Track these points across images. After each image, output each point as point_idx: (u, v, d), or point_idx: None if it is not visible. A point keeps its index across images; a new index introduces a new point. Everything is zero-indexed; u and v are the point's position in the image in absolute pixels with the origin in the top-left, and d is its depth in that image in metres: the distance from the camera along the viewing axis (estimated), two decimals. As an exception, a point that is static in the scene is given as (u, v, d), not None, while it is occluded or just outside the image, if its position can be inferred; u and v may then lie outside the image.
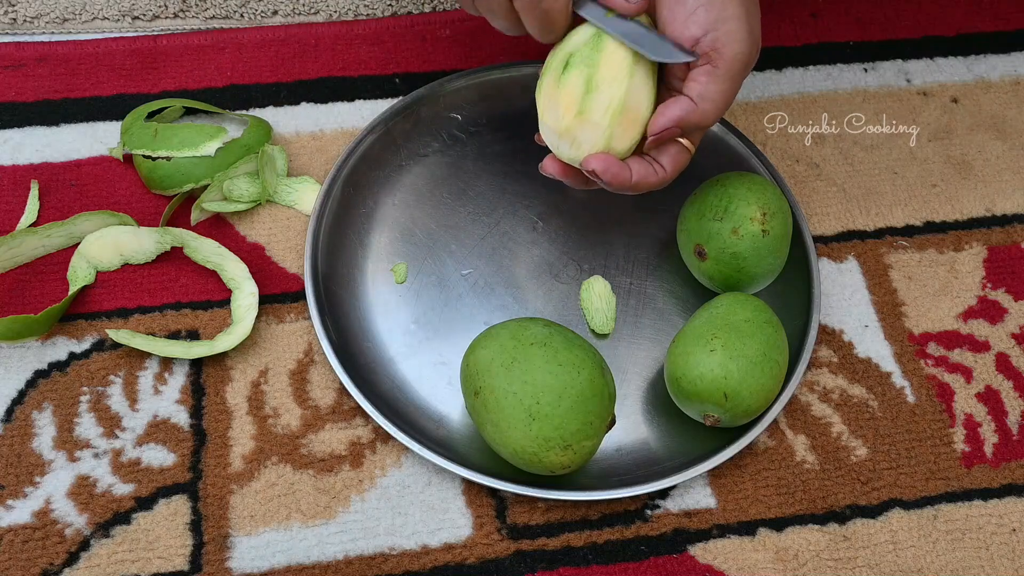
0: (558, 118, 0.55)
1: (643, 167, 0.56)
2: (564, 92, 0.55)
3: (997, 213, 0.72)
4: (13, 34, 0.76)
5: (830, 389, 0.64)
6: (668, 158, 0.56)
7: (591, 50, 0.54)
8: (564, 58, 0.55)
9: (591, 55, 0.54)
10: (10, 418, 0.61)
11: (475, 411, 0.57)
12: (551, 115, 0.56)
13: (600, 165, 0.55)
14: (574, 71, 0.55)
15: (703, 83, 0.54)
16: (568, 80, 0.55)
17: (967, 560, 0.59)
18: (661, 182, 0.57)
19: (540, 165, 0.59)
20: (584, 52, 0.55)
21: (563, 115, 0.55)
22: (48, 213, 0.68)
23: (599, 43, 0.54)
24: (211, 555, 0.57)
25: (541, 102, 0.56)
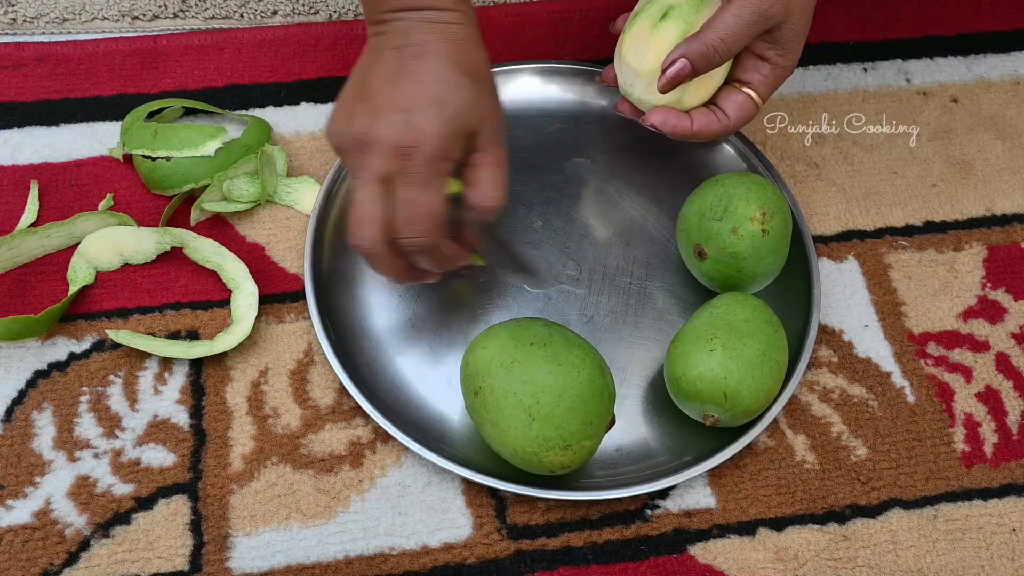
0: (644, 61, 0.59)
1: (705, 116, 0.60)
2: (657, 38, 0.59)
3: (997, 213, 0.72)
4: (13, 34, 0.76)
5: (830, 389, 0.64)
6: (731, 106, 0.60)
7: (691, 8, 0.59)
8: (664, 7, 0.59)
9: (691, 13, 0.58)
10: (10, 418, 0.61)
11: (475, 411, 0.57)
12: (636, 56, 0.59)
13: (659, 119, 0.60)
14: (672, 22, 0.59)
15: (714, 15, 0.57)
16: (664, 28, 0.59)
17: (967, 560, 0.59)
18: (724, 130, 0.60)
19: (616, 106, 0.64)
20: (684, 8, 0.59)
21: (650, 60, 0.59)
22: (48, 213, 0.68)
23: (699, 4, 0.59)
24: (211, 555, 0.57)
25: (628, 41, 0.60)
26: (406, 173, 0.54)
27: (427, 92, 0.54)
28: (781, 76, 0.60)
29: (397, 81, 0.54)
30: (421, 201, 0.54)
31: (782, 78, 0.60)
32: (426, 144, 0.53)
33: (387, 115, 0.53)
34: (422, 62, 0.54)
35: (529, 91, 0.74)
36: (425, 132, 0.53)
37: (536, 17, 0.79)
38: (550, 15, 0.79)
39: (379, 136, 0.53)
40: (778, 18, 0.56)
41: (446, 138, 0.54)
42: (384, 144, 0.53)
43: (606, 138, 0.72)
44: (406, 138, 0.53)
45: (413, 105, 0.53)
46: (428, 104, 0.53)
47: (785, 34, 0.57)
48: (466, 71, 0.55)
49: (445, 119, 0.54)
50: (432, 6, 0.54)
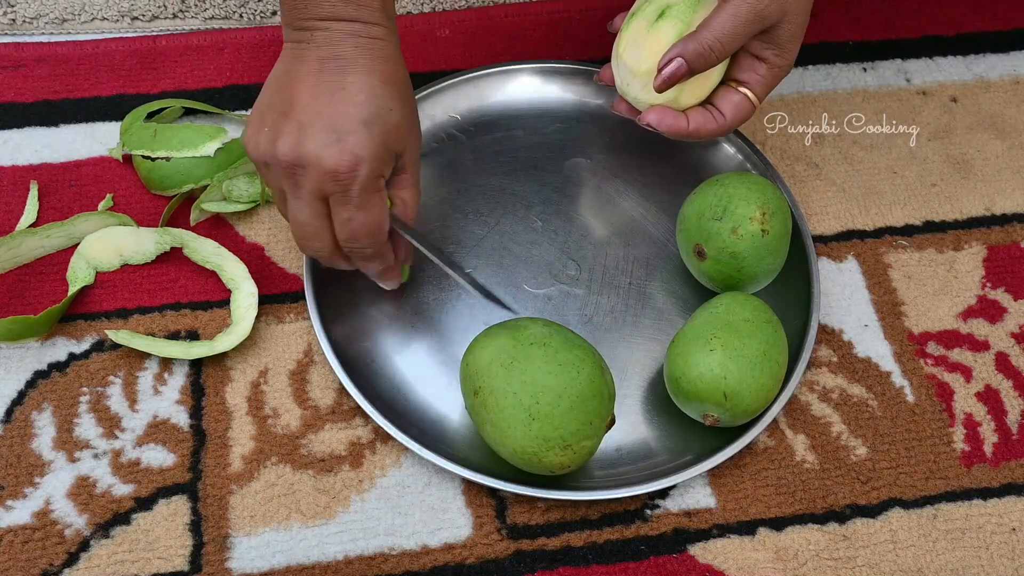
0: (640, 60, 0.59)
1: (701, 116, 0.60)
2: (654, 38, 0.58)
3: (996, 212, 0.72)
4: (12, 35, 0.76)
5: (830, 389, 0.64)
6: (728, 106, 0.60)
7: (688, 8, 0.58)
8: (661, 7, 0.59)
9: (687, 13, 0.58)
10: (10, 419, 0.61)
11: (475, 411, 0.57)
12: (633, 55, 0.59)
13: (655, 118, 0.60)
14: (668, 22, 0.58)
15: (711, 15, 0.57)
16: (660, 28, 0.58)
17: (967, 559, 0.59)
18: (721, 129, 0.60)
19: (612, 106, 0.64)
20: (681, 8, 0.59)
21: (646, 59, 0.59)
22: (48, 213, 0.68)
23: (696, 4, 0.58)
24: (211, 555, 0.57)
25: (625, 41, 0.60)
26: (345, 196, 0.54)
27: (358, 112, 0.53)
28: (778, 76, 0.60)
29: (324, 96, 0.53)
30: (360, 220, 0.55)
31: (779, 78, 0.60)
32: (362, 169, 0.53)
33: (317, 135, 0.53)
34: (350, 77, 0.53)
35: (529, 91, 0.74)
36: (360, 156, 0.53)
37: (536, 17, 0.79)
38: (550, 15, 0.79)
39: (312, 159, 0.53)
40: (775, 18, 0.56)
41: (379, 160, 0.54)
42: (318, 168, 0.53)
43: (606, 138, 0.72)
44: (342, 163, 0.53)
45: (344, 125, 0.53)
46: (360, 125, 0.53)
47: (782, 34, 0.57)
48: (394, 89, 0.54)
49: (376, 140, 0.53)
50: (359, 19, 0.53)
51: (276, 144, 0.53)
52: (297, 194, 0.55)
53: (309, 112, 0.53)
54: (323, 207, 0.55)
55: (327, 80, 0.53)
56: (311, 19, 0.53)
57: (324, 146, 0.52)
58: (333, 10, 0.53)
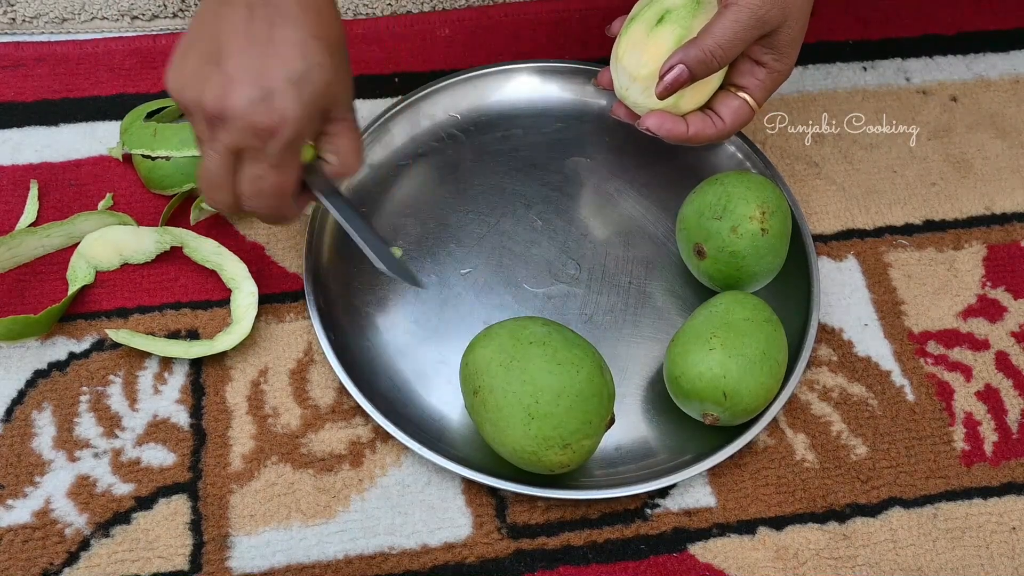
0: (640, 64, 0.59)
1: (701, 121, 0.60)
2: (654, 42, 0.58)
3: (996, 212, 0.72)
4: (12, 34, 0.76)
5: (830, 388, 0.64)
6: (727, 111, 0.60)
7: (688, 13, 0.58)
8: (660, 12, 0.59)
9: (687, 18, 0.58)
10: (10, 418, 0.61)
11: (474, 410, 0.57)
12: (633, 60, 0.59)
13: (654, 123, 0.60)
14: (668, 26, 0.58)
15: (711, 21, 0.57)
16: (660, 32, 0.58)
17: (967, 559, 0.59)
18: (720, 135, 0.60)
19: (611, 110, 0.64)
20: (681, 12, 0.59)
21: (646, 63, 0.59)
22: (47, 213, 0.68)
23: (696, 9, 0.59)
24: (211, 555, 0.57)
25: (624, 45, 0.60)
26: (261, 154, 0.53)
27: (287, 68, 0.52)
28: (777, 81, 0.60)
29: (252, 48, 0.52)
30: (271, 180, 0.54)
31: (778, 83, 0.60)
32: (285, 129, 0.52)
33: (243, 87, 0.51)
34: (279, 29, 0.52)
35: (529, 90, 0.74)
36: (285, 115, 0.52)
37: (536, 17, 0.79)
38: (550, 15, 0.79)
39: (235, 111, 0.52)
40: (775, 23, 0.56)
41: (304, 120, 0.53)
42: (240, 122, 0.52)
43: (605, 137, 0.72)
44: (265, 121, 0.52)
45: (271, 82, 0.52)
46: (288, 84, 0.52)
47: (782, 39, 0.57)
48: (325, 44, 0.53)
49: (305, 100, 0.52)
50: None
51: (202, 92, 0.52)
52: (213, 145, 0.54)
53: (236, 63, 0.52)
54: (233, 161, 0.54)
55: (256, 30, 0.52)
56: None
57: (251, 102, 0.51)
58: None
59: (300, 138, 0.54)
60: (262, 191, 0.55)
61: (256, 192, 0.55)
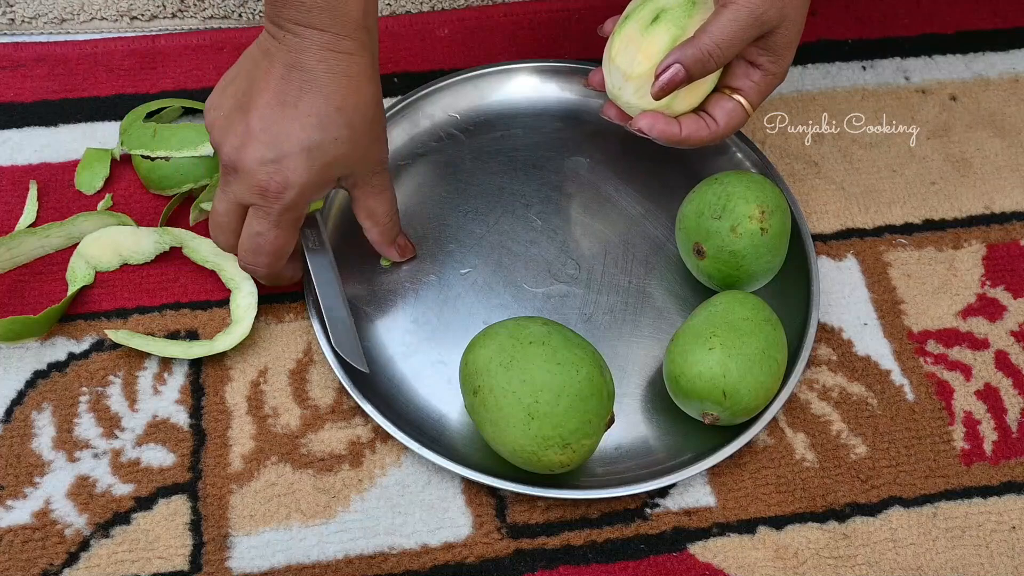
0: (634, 64, 0.58)
1: (694, 123, 0.59)
2: (648, 41, 0.58)
3: (996, 211, 0.72)
4: (11, 34, 0.76)
5: (829, 387, 0.64)
6: (721, 113, 0.60)
7: (683, 13, 0.58)
8: (655, 11, 0.59)
9: (682, 18, 0.58)
10: (9, 418, 0.61)
11: (474, 410, 0.57)
12: (626, 59, 0.59)
13: (647, 124, 0.59)
14: (663, 25, 0.58)
15: (709, 20, 0.56)
16: (655, 32, 0.58)
17: (967, 558, 0.59)
18: (713, 137, 0.60)
19: (602, 110, 0.63)
20: (676, 12, 0.58)
21: (640, 62, 0.58)
22: (47, 213, 0.68)
23: (691, 9, 0.58)
24: (211, 555, 0.57)
25: (618, 44, 0.59)
26: (263, 211, 0.56)
27: (303, 136, 0.54)
28: (772, 83, 0.60)
29: (279, 109, 0.54)
30: (268, 238, 0.57)
31: (773, 85, 0.60)
32: (288, 193, 0.55)
33: (258, 146, 0.54)
34: (306, 96, 0.54)
35: (528, 90, 0.74)
36: (290, 180, 0.55)
37: (536, 17, 0.79)
38: (550, 15, 0.79)
39: (246, 167, 0.55)
40: (772, 23, 0.56)
41: (310, 188, 0.56)
42: (249, 178, 0.55)
43: (605, 137, 0.72)
44: (271, 182, 0.55)
45: (286, 146, 0.54)
46: (301, 150, 0.54)
47: (778, 40, 0.57)
48: (349, 116, 0.55)
49: (315, 170, 0.55)
50: (331, 29, 0.53)
51: (225, 138, 0.55)
52: (225, 190, 0.57)
53: (259, 119, 0.54)
54: (240, 211, 0.57)
55: (287, 92, 0.54)
56: (286, 21, 0.54)
57: (261, 161, 0.54)
58: (308, 16, 0.53)
59: (302, 203, 0.57)
60: (260, 248, 0.58)
61: (254, 248, 0.58)
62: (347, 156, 0.56)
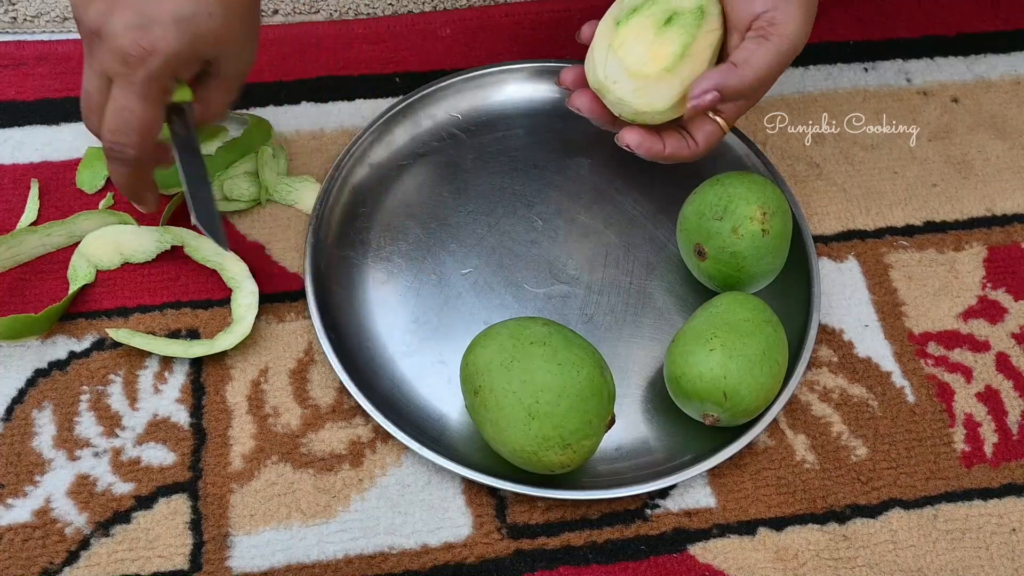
0: (642, 61, 0.57)
1: (677, 141, 0.59)
2: (660, 44, 0.57)
3: (997, 213, 0.72)
4: (13, 33, 0.76)
5: (830, 389, 0.64)
6: (702, 134, 0.59)
7: (694, 21, 0.57)
8: (668, 12, 0.57)
9: (693, 26, 0.57)
10: (10, 417, 0.61)
11: (475, 410, 0.57)
12: (634, 55, 0.57)
13: (634, 140, 0.59)
14: (675, 30, 0.57)
15: (750, 50, 0.56)
16: (667, 35, 0.57)
17: (967, 560, 0.59)
18: (693, 155, 0.59)
19: (569, 100, 0.61)
20: (688, 19, 0.57)
21: (649, 61, 0.56)
22: (48, 212, 0.68)
23: (701, 18, 0.57)
24: (211, 554, 0.57)
25: (625, 36, 0.57)
26: (128, 82, 0.53)
27: (175, 6, 0.52)
28: (749, 107, 0.59)
29: None
30: (135, 112, 0.54)
31: (747, 109, 0.59)
32: (153, 60, 0.52)
33: (125, 12, 0.52)
34: None
35: (530, 90, 0.74)
36: (156, 46, 0.52)
37: (536, 17, 0.79)
38: (550, 15, 0.79)
39: (110, 31, 0.52)
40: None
41: (177, 59, 0.53)
42: (112, 42, 0.52)
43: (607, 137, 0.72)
44: (136, 48, 0.52)
45: (155, 15, 0.52)
46: (171, 19, 0.52)
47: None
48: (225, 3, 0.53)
49: (184, 41, 0.53)
50: None
51: (89, 5, 0.53)
52: (89, 62, 0.55)
53: None
54: (107, 87, 0.54)
55: None
56: None
57: (126, 27, 0.52)
58: None
59: (168, 72, 0.53)
60: (126, 124, 0.54)
61: (120, 125, 0.54)
62: (218, 36, 0.54)
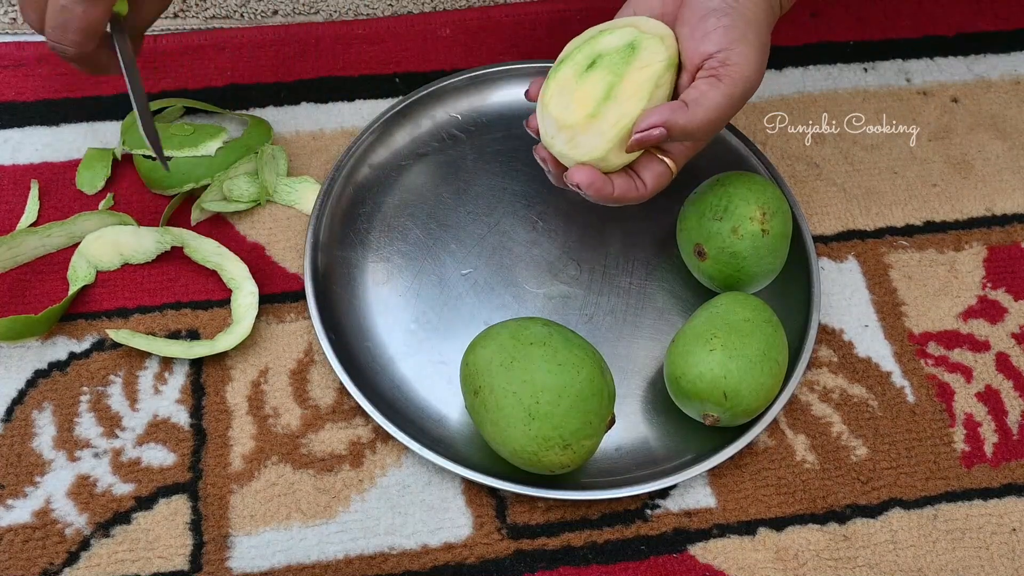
0: (567, 112, 0.55)
1: (625, 183, 0.56)
2: (582, 89, 0.54)
3: (997, 213, 0.72)
4: (13, 34, 0.76)
5: (830, 389, 0.64)
6: (650, 175, 0.56)
7: (622, 60, 0.54)
8: (592, 56, 0.55)
9: (620, 64, 0.54)
10: (10, 418, 0.61)
11: (475, 410, 0.57)
12: (559, 106, 0.55)
13: (584, 179, 0.55)
14: (598, 73, 0.54)
15: (701, 91, 0.54)
16: (590, 79, 0.54)
17: (967, 560, 0.59)
18: (640, 197, 0.57)
19: (535, 148, 0.59)
20: (614, 58, 0.54)
21: (574, 111, 0.54)
22: (48, 213, 0.68)
23: (631, 56, 0.54)
24: (211, 555, 0.57)
25: (552, 89, 0.55)
26: None
27: None
28: (696, 150, 0.58)
29: None
30: (77, 12, 0.53)
31: (695, 152, 0.58)
32: None
33: None
34: None
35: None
36: None
37: (536, 17, 0.79)
38: (550, 15, 0.79)
39: None
40: None
41: None
42: None
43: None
44: None
45: None
46: None
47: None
48: None
49: None
50: None
51: None
52: None
53: None
54: None
55: None
56: None
57: None
58: None
59: None
60: (67, 24, 0.53)
61: (61, 24, 0.53)
62: None
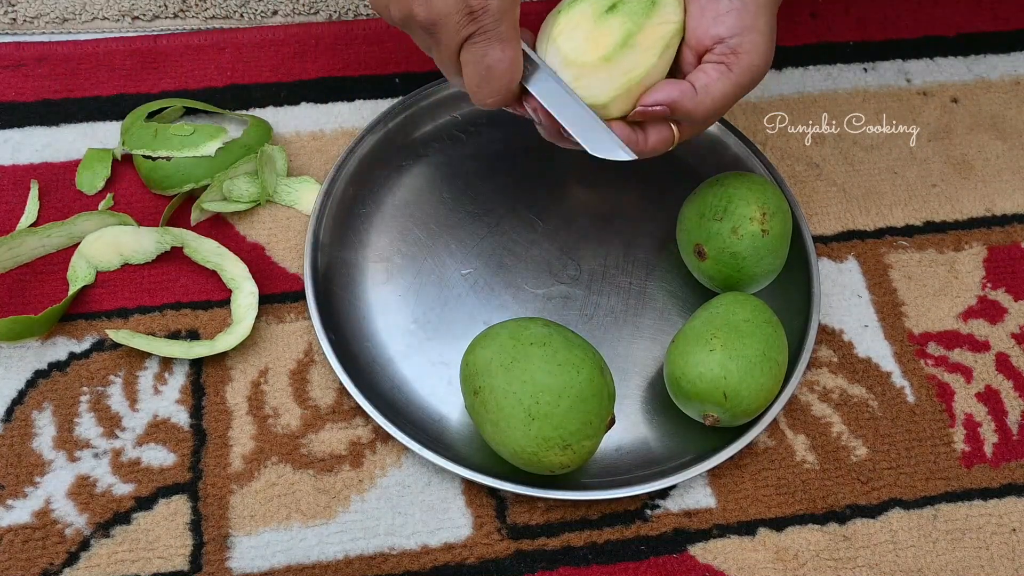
0: (579, 51, 0.53)
1: (627, 137, 0.55)
2: (600, 31, 0.53)
3: (997, 213, 0.72)
4: (13, 34, 0.76)
5: (830, 389, 0.64)
6: (655, 135, 0.56)
7: (643, 11, 0.54)
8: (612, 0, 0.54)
9: (640, 16, 0.54)
10: (10, 418, 0.61)
11: (475, 411, 0.57)
12: (571, 42, 0.54)
13: None
14: (618, 18, 0.53)
15: (712, 77, 0.54)
16: (609, 22, 0.53)
17: (967, 560, 0.59)
18: (640, 154, 0.56)
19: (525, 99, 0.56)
20: (635, 7, 0.54)
21: (587, 51, 0.53)
22: (48, 213, 0.68)
23: (651, 9, 0.54)
24: (211, 555, 0.57)
25: (562, 24, 0.54)
26: (479, 32, 0.51)
27: None
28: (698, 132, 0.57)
29: None
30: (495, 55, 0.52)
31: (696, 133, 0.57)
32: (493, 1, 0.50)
33: None
34: None
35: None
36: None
37: (536, 17, 0.79)
38: (550, 15, 0.79)
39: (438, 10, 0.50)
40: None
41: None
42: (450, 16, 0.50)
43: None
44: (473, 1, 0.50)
45: None
46: None
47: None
48: None
49: None
50: None
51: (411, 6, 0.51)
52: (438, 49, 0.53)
53: None
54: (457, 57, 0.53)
55: None
56: None
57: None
58: None
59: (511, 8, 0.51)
60: (491, 71, 0.52)
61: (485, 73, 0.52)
62: None
